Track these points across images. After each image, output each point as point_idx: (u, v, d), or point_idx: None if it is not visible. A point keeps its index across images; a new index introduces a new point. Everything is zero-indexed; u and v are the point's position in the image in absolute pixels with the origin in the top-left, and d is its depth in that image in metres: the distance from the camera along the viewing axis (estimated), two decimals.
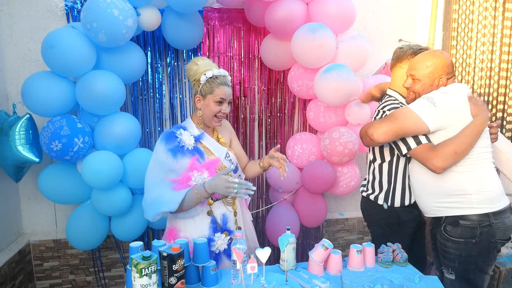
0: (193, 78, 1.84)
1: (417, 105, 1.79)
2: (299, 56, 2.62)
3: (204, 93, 1.82)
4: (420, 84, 1.85)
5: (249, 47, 3.16)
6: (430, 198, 1.90)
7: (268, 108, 3.27)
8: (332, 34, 2.58)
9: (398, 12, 3.51)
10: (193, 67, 1.84)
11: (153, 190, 1.73)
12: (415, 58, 1.90)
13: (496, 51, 3.99)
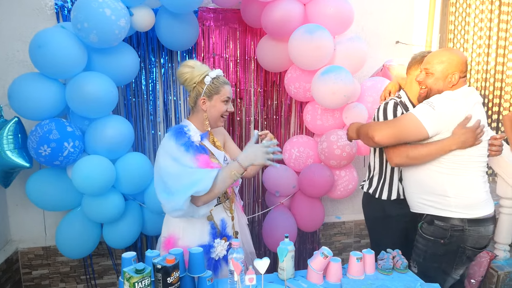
0: (193, 81, 1.78)
1: (417, 109, 1.81)
2: (296, 58, 2.56)
3: (209, 94, 1.77)
4: (433, 78, 1.85)
5: (245, 48, 3.10)
6: (416, 193, 1.94)
7: (264, 111, 3.22)
8: (330, 35, 2.53)
9: (395, 14, 3.47)
10: (188, 70, 1.79)
11: (179, 179, 1.60)
12: (430, 53, 1.92)
13: (492, 53, 3.98)
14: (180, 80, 1.81)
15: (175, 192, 1.57)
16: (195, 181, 1.57)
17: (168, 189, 1.60)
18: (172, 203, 1.58)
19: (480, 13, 3.82)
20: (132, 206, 2.59)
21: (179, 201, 1.56)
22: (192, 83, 1.79)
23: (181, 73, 1.80)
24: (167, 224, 1.82)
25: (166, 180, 1.61)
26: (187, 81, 1.80)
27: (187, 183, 1.57)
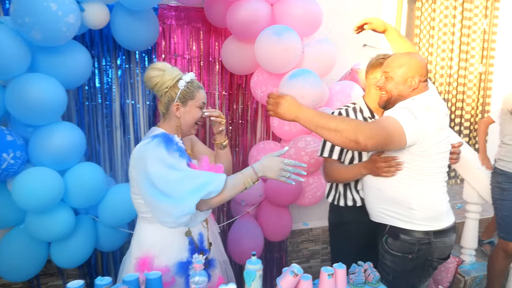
0: (164, 85, 1.64)
1: (400, 115, 1.63)
2: (263, 61, 2.43)
3: (184, 100, 1.66)
4: (393, 82, 1.76)
5: (209, 49, 2.93)
6: (377, 203, 1.86)
7: (230, 115, 3.06)
8: (298, 37, 2.42)
9: (363, 16, 3.41)
10: (158, 73, 1.64)
11: (182, 184, 1.47)
12: (390, 57, 1.84)
13: (455, 57, 4.04)
14: (149, 84, 1.66)
15: (181, 196, 1.45)
16: (205, 182, 1.47)
17: (169, 195, 1.47)
18: (181, 207, 1.44)
19: (444, 17, 3.86)
20: (84, 220, 2.36)
21: (189, 204, 1.44)
22: (163, 88, 1.65)
23: (150, 77, 1.65)
24: (140, 242, 1.65)
25: (163, 189, 1.47)
26: (157, 86, 1.65)
27: (194, 186, 1.46)
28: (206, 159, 1.70)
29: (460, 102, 4.13)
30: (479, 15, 4.05)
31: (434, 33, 3.84)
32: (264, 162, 1.54)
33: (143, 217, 1.64)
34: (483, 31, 4.13)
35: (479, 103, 4.22)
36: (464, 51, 4.04)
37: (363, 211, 2.02)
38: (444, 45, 3.93)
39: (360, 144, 1.54)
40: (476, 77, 4.16)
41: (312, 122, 1.55)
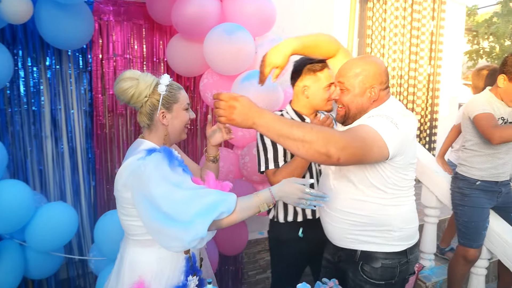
0: (143, 94, 1.44)
1: (379, 124, 1.38)
2: (213, 62, 2.22)
3: (168, 105, 1.48)
4: (349, 95, 1.52)
5: (152, 48, 2.68)
6: (347, 227, 1.59)
7: None
8: (251, 36, 2.24)
9: (316, 17, 3.32)
10: (131, 83, 1.42)
11: (190, 204, 1.30)
12: (343, 64, 1.58)
13: (405, 59, 4.07)
14: (124, 98, 1.44)
15: (190, 219, 1.29)
16: (215, 202, 1.32)
17: (176, 219, 1.30)
18: (192, 231, 1.28)
19: (395, 18, 3.87)
20: (8, 246, 2.04)
21: (201, 227, 1.28)
22: (142, 98, 1.44)
23: (122, 90, 1.42)
24: (134, 268, 1.46)
25: (169, 211, 1.30)
26: (134, 97, 1.43)
27: (203, 206, 1.31)
28: (211, 175, 1.51)
29: (410, 103, 4.17)
30: (427, 17, 4.11)
31: (386, 34, 3.83)
32: (284, 187, 1.40)
33: (136, 240, 1.46)
34: (431, 33, 4.19)
35: (428, 104, 4.29)
36: (413, 53, 4.08)
37: (306, 226, 1.86)
38: (395, 46, 3.94)
39: (332, 158, 1.28)
40: (425, 78, 4.22)
41: (274, 130, 1.29)
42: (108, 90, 2.57)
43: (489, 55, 11.20)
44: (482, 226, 2.24)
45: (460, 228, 2.29)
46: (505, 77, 2.11)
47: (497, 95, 2.20)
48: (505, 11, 9.43)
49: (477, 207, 2.24)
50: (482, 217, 2.24)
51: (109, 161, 2.64)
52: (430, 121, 4.31)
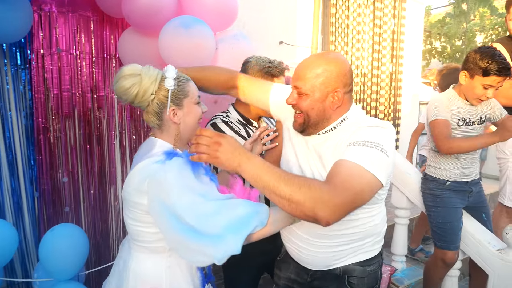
0: (148, 92, 1.29)
1: (365, 158, 1.19)
2: (170, 58, 2.02)
3: (178, 101, 1.34)
4: (308, 100, 1.32)
5: (102, 43, 2.43)
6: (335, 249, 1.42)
7: (132, 122, 2.59)
8: (210, 31, 2.05)
9: (278, 13, 3.19)
10: (133, 80, 1.27)
11: (218, 216, 1.16)
12: (300, 64, 1.37)
13: (368, 57, 4.03)
14: (127, 98, 1.29)
15: (219, 233, 1.15)
16: (247, 215, 1.19)
17: (203, 232, 1.15)
18: (223, 248, 1.13)
19: (357, 16, 3.81)
20: None
21: (235, 243, 1.14)
22: (147, 96, 1.30)
23: (124, 89, 1.27)
24: (139, 277, 1.31)
25: (196, 224, 1.15)
26: (138, 96, 1.29)
27: (233, 219, 1.18)
28: (239, 182, 1.34)
29: (374, 101, 4.14)
30: (388, 15, 4.09)
31: (349, 31, 3.77)
32: None
33: (143, 246, 1.31)
34: (392, 31, 4.19)
35: (391, 103, 4.29)
36: (376, 51, 4.06)
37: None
38: (358, 44, 3.89)
39: (321, 222, 1.12)
40: (388, 77, 4.22)
41: (260, 180, 1.14)
42: (52, 89, 2.30)
43: (441, 55, 11.64)
44: (457, 226, 2.19)
45: (436, 230, 2.23)
46: (466, 74, 2.08)
47: (460, 94, 2.16)
48: (457, 12, 9.80)
49: (450, 207, 2.19)
50: (456, 217, 2.19)
51: (54, 169, 2.37)
52: (393, 120, 4.32)
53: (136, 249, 1.32)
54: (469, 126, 2.15)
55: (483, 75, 1.99)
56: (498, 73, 1.96)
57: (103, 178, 2.54)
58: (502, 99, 2.47)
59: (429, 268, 2.32)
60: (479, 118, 2.18)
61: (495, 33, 10.55)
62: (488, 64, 1.96)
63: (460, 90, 2.16)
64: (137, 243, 1.32)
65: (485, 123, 2.23)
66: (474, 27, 10.27)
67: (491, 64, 1.95)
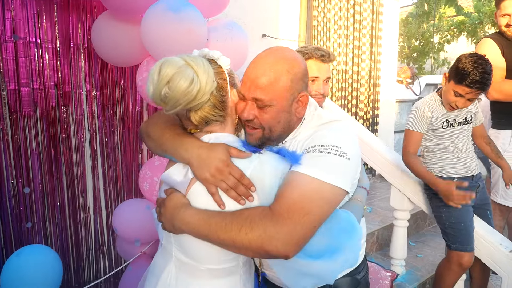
0: (210, 82, 1.02)
1: (322, 168, 1.00)
2: (155, 47, 1.74)
3: (234, 80, 1.14)
4: (274, 111, 1.08)
5: (68, 30, 2.10)
6: None
7: (104, 122, 2.27)
8: (201, 15, 1.79)
9: (261, 4, 2.97)
10: (188, 75, 0.97)
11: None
12: (252, 69, 1.10)
13: (349, 53, 3.91)
14: (185, 101, 0.99)
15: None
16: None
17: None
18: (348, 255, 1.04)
19: (338, 10, 3.68)
20: None
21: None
22: (210, 87, 1.02)
23: (184, 89, 0.97)
24: None
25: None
26: (200, 93, 1.00)
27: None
28: None
29: (354, 99, 4.03)
30: (367, 10, 4.00)
31: (331, 25, 3.62)
32: None
33: (211, 269, 1.09)
34: (371, 27, 4.10)
35: (370, 100, 4.20)
36: (356, 47, 3.95)
37: None
38: (340, 39, 3.76)
39: (279, 257, 0.96)
40: (367, 74, 4.12)
41: (200, 235, 1.01)
42: (8, 83, 1.94)
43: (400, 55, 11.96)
44: (470, 226, 2.07)
45: (450, 232, 2.09)
46: (446, 75, 2.04)
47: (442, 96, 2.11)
48: (420, 11, 10.05)
49: (462, 205, 2.07)
50: (468, 216, 2.07)
51: (15, 177, 2.01)
52: (372, 118, 4.24)
53: (196, 275, 1.08)
54: (454, 128, 2.10)
55: (455, 82, 1.94)
56: (470, 85, 1.89)
57: (71, 187, 2.20)
58: (494, 93, 2.41)
59: (442, 273, 2.19)
60: (464, 119, 2.13)
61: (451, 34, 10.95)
62: (465, 72, 1.88)
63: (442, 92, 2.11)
64: (201, 266, 1.07)
65: (473, 122, 2.17)
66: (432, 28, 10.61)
67: (467, 74, 1.88)
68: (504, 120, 2.52)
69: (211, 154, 1.02)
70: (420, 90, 5.44)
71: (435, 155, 2.16)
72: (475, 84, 1.88)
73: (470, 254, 2.07)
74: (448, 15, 10.75)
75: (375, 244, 3.13)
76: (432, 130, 2.11)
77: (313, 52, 1.58)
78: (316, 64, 1.58)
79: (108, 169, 2.32)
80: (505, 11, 2.43)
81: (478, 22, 9.50)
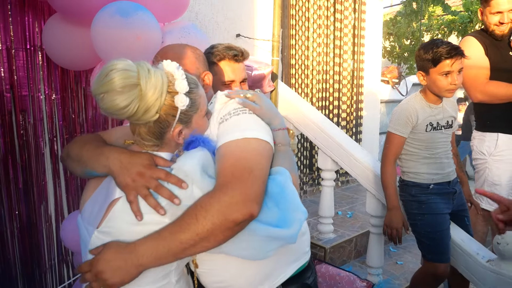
0: (153, 110, 0.97)
1: (243, 129, 1.05)
2: (104, 52, 1.67)
3: (187, 118, 1.06)
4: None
5: (25, 31, 2.02)
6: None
7: (65, 127, 2.20)
8: (155, 20, 1.72)
9: (235, 2, 2.89)
10: (131, 96, 0.92)
11: None
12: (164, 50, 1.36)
13: (330, 53, 3.84)
14: (119, 116, 0.95)
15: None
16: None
17: None
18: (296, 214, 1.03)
19: (318, 8, 3.60)
20: None
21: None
22: (150, 115, 0.97)
23: (118, 108, 0.92)
24: None
25: None
26: (136, 115, 0.95)
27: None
28: None
29: (336, 100, 3.96)
30: (349, 9, 3.91)
31: (310, 24, 3.54)
32: (268, 109, 1.17)
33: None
34: (353, 26, 4.02)
35: (353, 101, 4.13)
36: (338, 46, 3.87)
37: None
38: (320, 38, 3.67)
39: (247, 219, 0.94)
40: (350, 74, 4.05)
41: (164, 254, 0.94)
42: None
43: (390, 54, 11.85)
44: (447, 235, 1.99)
45: (425, 241, 2.02)
46: (421, 73, 2.00)
47: (427, 97, 2.04)
48: (408, 10, 9.96)
49: (438, 213, 1.99)
50: (445, 225, 1.99)
51: None
52: (355, 119, 4.16)
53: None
54: (437, 131, 2.04)
55: (434, 65, 1.91)
56: (447, 56, 1.87)
57: (31, 194, 2.13)
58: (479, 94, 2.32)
59: (417, 285, 2.12)
60: (446, 123, 2.07)
61: (441, 33, 10.87)
62: (434, 52, 1.89)
63: (426, 93, 2.04)
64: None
65: (453, 128, 2.12)
66: (422, 27, 10.52)
67: (436, 51, 1.88)
68: (490, 122, 2.42)
69: (133, 159, 0.98)
70: (407, 90, 5.39)
71: (412, 159, 2.08)
72: (451, 51, 1.86)
73: (445, 265, 1.98)
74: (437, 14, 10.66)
75: (353, 251, 3.04)
76: (414, 133, 2.03)
77: (225, 52, 1.45)
78: (230, 65, 1.45)
79: (71, 175, 2.25)
80: (497, 8, 2.31)
81: (468, 21, 9.42)
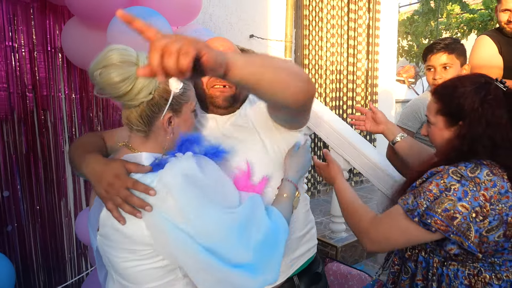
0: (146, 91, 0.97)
1: None
2: None
3: (178, 106, 1.05)
4: None
5: (46, 34, 2.13)
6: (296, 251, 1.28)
7: (84, 126, 2.29)
8: (168, 25, 1.78)
9: (249, 2, 2.93)
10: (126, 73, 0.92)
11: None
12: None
13: (344, 53, 3.84)
14: (112, 93, 0.94)
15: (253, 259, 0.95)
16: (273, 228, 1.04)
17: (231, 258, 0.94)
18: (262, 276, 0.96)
19: (331, 8, 3.61)
20: None
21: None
22: (143, 95, 0.97)
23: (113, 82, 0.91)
24: None
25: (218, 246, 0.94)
26: (130, 94, 0.95)
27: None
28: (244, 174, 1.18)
29: (350, 100, 3.96)
30: (363, 8, 3.91)
31: (323, 25, 3.55)
32: (298, 159, 1.20)
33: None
34: (367, 26, 4.01)
35: (368, 101, 4.12)
36: (351, 46, 3.87)
37: None
38: (333, 38, 3.69)
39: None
40: (364, 74, 4.05)
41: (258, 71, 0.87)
42: None
43: (408, 54, 11.69)
44: None
45: None
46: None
47: None
48: (426, 9, 9.80)
49: None
50: None
51: None
52: None
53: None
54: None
55: (424, 59, 1.95)
56: (429, 49, 1.89)
57: (51, 190, 2.23)
58: None
59: None
60: None
61: (461, 31, 10.66)
62: (426, 48, 1.94)
63: None
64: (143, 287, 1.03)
65: None
66: (441, 25, 10.34)
67: (428, 47, 1.93)
68: None
69: (105, 169, 0.97)
70: (423, 89, 5.33)
71: None
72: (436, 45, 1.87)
73: None
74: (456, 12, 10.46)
75: (365, 251, 3.06)
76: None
77: None
78: None
79: None
80: (506, 6, 2.27)
81: (488, 19, 9.22)
